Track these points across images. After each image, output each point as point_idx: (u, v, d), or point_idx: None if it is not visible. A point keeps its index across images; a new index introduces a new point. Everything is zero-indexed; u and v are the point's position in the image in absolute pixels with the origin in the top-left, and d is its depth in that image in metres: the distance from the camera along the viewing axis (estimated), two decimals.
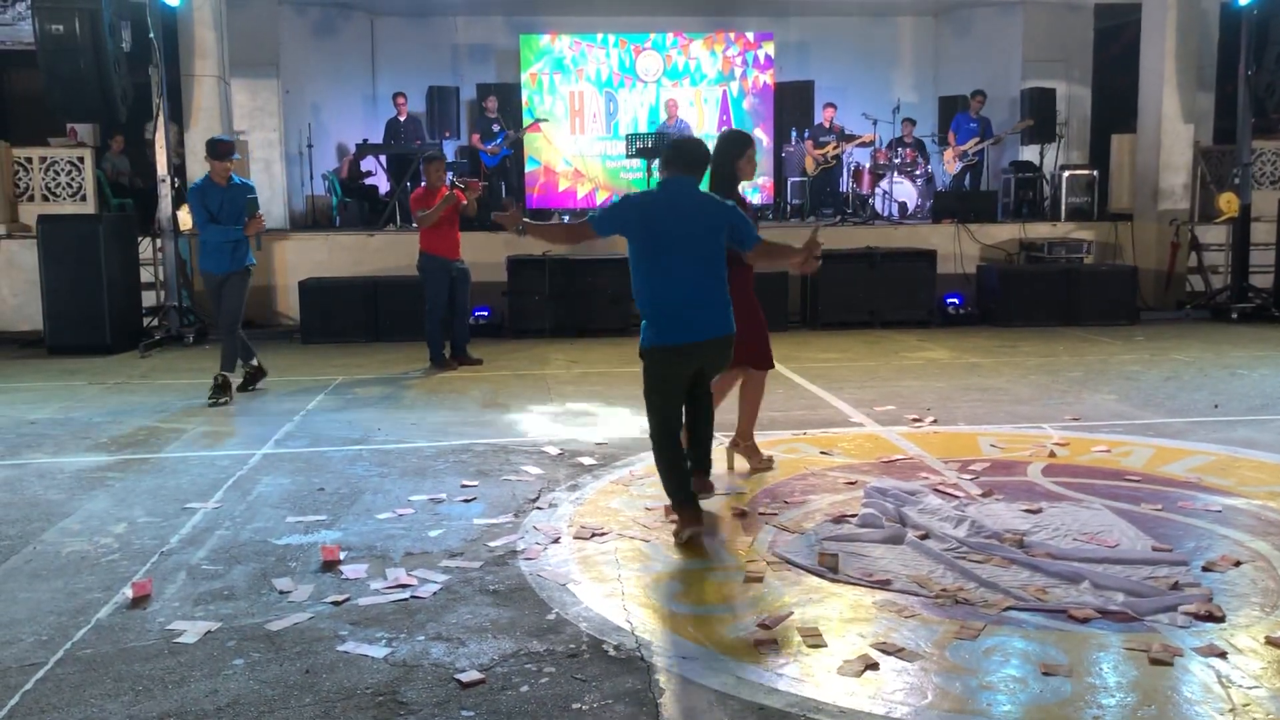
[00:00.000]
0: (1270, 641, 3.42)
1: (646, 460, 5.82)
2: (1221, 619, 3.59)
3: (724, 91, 16.33)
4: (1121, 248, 12.85)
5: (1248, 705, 3.02)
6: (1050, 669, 3.24)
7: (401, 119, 14.49)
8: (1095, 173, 13.62)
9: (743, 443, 5.69)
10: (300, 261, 12.07)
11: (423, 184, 9.16)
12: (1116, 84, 15.16)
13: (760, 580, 4.01)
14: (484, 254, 11.34)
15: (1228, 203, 11.85)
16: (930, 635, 3.51)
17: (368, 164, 14.94)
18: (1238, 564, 4.11)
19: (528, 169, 15.71)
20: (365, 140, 14.89)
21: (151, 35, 10.87)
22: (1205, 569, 4.06)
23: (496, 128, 14.41)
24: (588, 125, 15.72)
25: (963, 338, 10.51)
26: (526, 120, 15.22)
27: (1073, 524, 4.55)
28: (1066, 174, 13.53)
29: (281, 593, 3.95)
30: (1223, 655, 3.32)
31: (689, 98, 16.25)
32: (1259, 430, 6.30)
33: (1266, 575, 4.01)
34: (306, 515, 4.93)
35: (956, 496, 5.01)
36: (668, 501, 4.92)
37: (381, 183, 14.82)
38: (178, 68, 11.81)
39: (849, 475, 5.45)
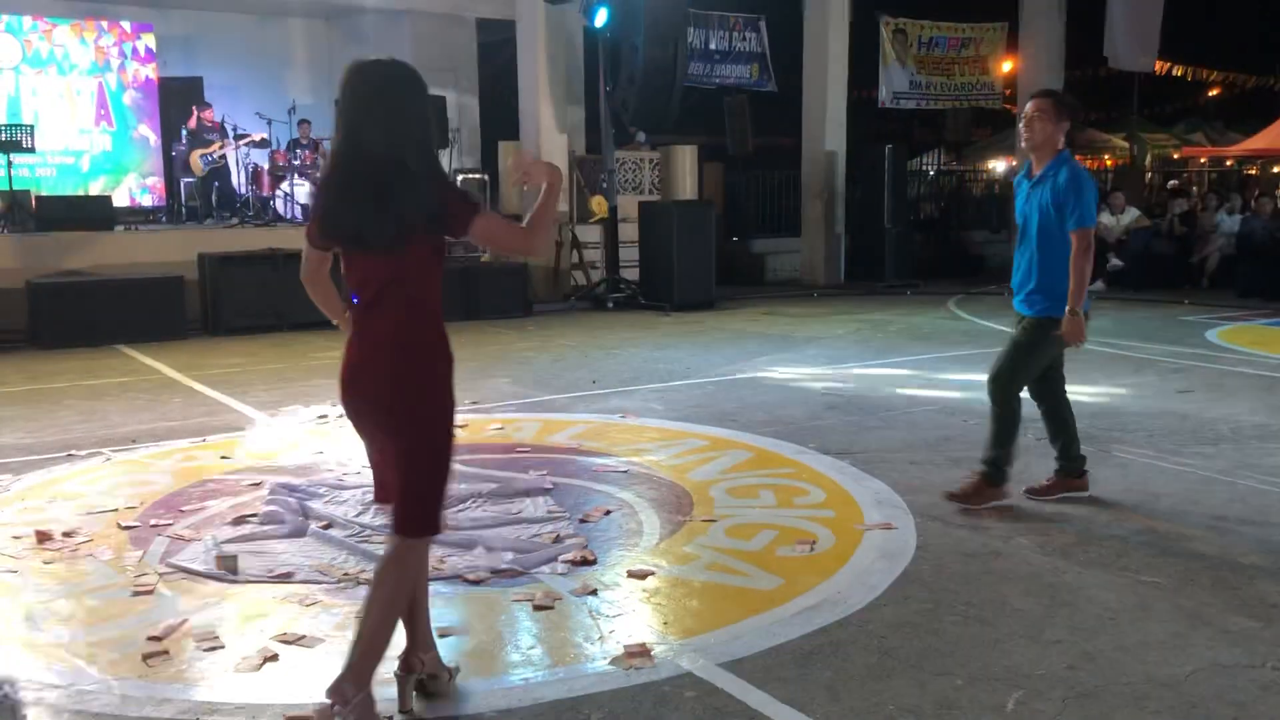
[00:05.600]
0: (631, 574, 3.91)
1: (14, 485, 5.18)
2: (594, 561, 4.03)
3: (100, 84, 14.95)
4: None
5: (613, 631, 3.42)
6: (445, 631, 3.40)
7: None
8: (486, 176, 14.54)
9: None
10: None
11: None
12: (501, 94, 16.30)
13: (150, 593, 3.75)
14: None
15: (599, 205, 13.29)
16: (332, 619, 3.52)
17: None
18: (608, 513, 4.64)
19: None
20: None
21: None
22: (582, 521, 4.52)
23: None
24: None
25: None
26: None
27: (471, 496, 4.82)
28: (461, 178, 14.27)
29: None
30: (594, 592, 3.73)
31: (59, 89, 14.66)
32: (627, 399, 7.15)
33: (630, 519, 4.57)
34: None
35: (361, 484, 5.07)
36: (41, 526, 4.43)
37: None
38: None
39: (252, 477, 5.27)
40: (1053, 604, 3.61)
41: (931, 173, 22.88)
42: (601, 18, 12.60)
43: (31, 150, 12.47)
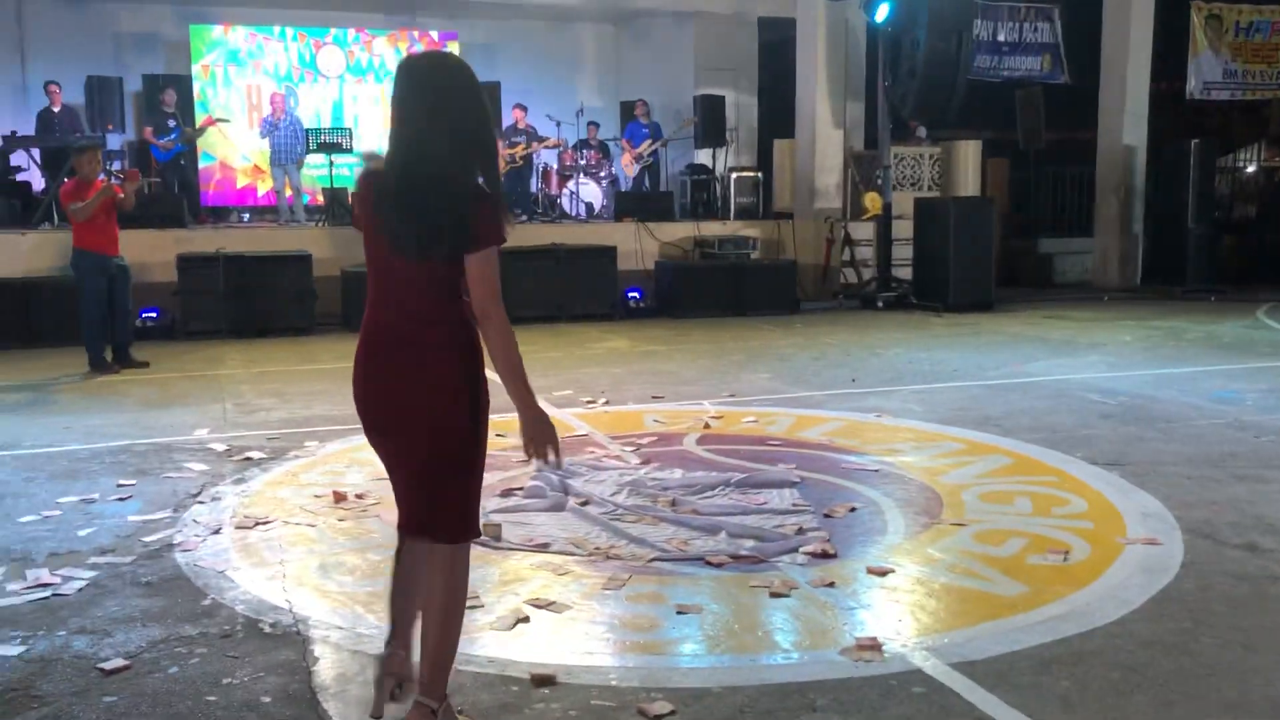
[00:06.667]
0: (870, 570, 3.92)
1: (319, 451, 5.80)
2: (834, 555, 4.07)
3: None
4: (784, 243, 13.89)
5: (846, 624, 3.46)
6: (684, 608, 3.57)
7: (56, 109, 13.39)
8: (760, 175, 14.68)
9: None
10: None
11: (74, 176, 8.57)
12: (779, 92, 16.34)
13: None
14: (153, 252, 10.75)
15: (872, 201, 13.12)
16: (581, 588, 3.76)
17: (18, 158, 13.70)
18: (854, 509, 4.65)
19: (202, 165, 14.97)
20: (14, 133, 13.64)
21: None
22: (826, 515, 4.56)
23: (172, 123, 13.64)
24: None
25: (642, 329, 11.04)
26: (199, 115, 14.52)
27: (719, 484, 4.96)
28: (735, 176, 14.49)
29: None
30: (831, 585, 3.78)
31: (374, 95, 16.06)
32: (886, 400, 7.07)
33: (875, 518, 4.56)
34: None
35: (618, 466, 5.33)
36: (338, 488, 4.96)
37: (35, 178, 13.64)
38: None
39: (522, 454, 5.63)
40: None
41: (1249, 169, 20.94)
42: (883, 12, 12.43)
43: (350, 151, 13.75)
